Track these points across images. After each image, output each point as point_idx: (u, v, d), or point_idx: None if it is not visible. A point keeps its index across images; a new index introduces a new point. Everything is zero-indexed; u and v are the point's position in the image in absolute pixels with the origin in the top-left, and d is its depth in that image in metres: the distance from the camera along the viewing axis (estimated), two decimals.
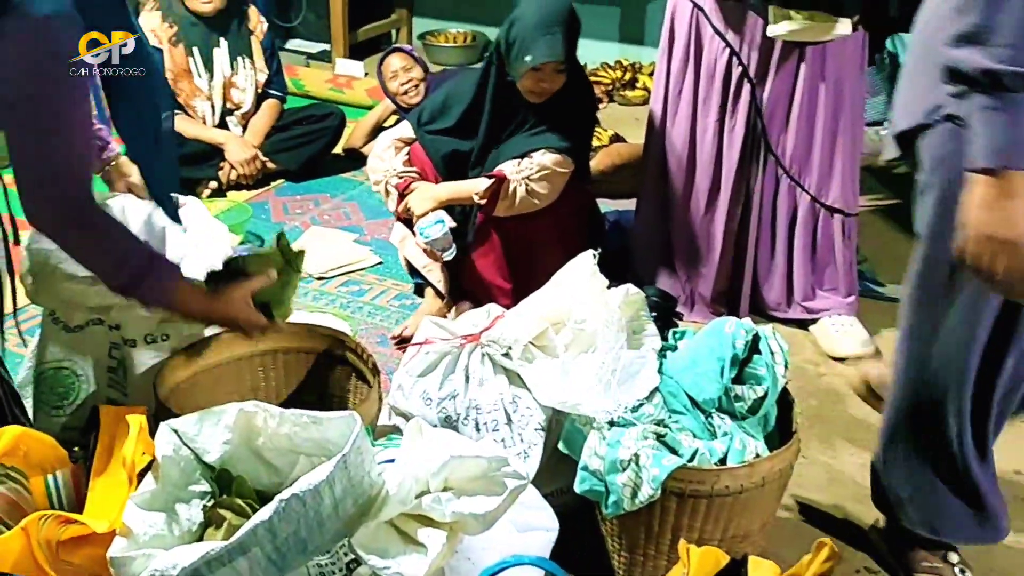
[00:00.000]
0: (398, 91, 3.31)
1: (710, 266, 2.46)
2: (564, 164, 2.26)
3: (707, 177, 2.38)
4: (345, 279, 2.68)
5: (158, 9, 3.10)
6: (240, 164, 3.13)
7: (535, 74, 2.21)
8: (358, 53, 4.50)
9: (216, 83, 3.15)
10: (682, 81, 2.34)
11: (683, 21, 2.29)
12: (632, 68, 4.21)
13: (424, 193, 2.30)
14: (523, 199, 2.24)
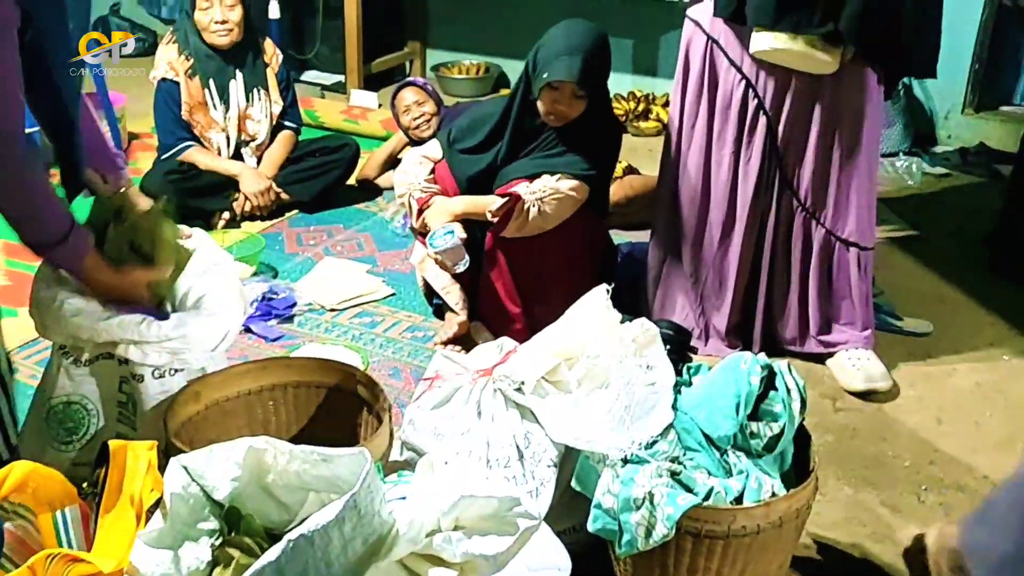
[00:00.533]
0: (410, 125, 3.33)
1: (725, 299, 2.45)
2: (579, 191, 2.28)
3: (721, 209, 2.37)
4: (358, 310, 2.68)
5: (175, 42, 3.13)
6: (254, 195, 3.15)
7: (551, 93, 2.22)
8: (372, 84, 4.53)
9: (231, 115, 3.17)
10: (696, 113, 2.34)
11: (698, 52, 2.29)
12: (646, 99, 4.22)
13: (440, 207, 2.35)
14: (535, 220, 2.27)
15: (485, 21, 4.63)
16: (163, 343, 1.65)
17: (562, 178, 2.26)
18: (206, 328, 1.68)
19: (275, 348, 2.47)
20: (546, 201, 2.25)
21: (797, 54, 2.10)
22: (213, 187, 3.14)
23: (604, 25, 4.39)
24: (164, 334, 1.65)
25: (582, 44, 2.21)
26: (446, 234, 2.28)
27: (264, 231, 3.13)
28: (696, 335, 2.49)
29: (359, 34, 4.41)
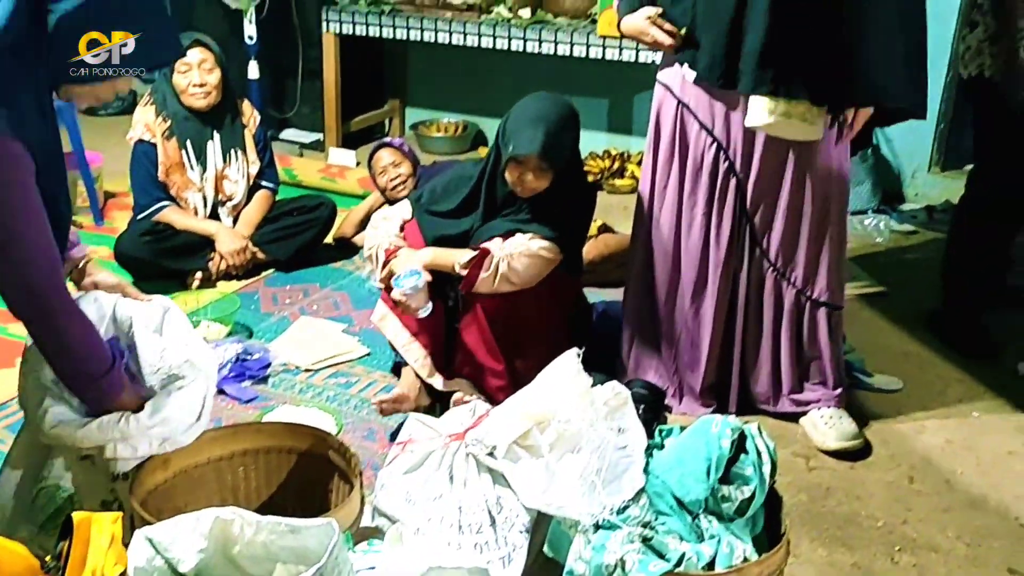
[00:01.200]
0: (387, 185, 3.36)
1: (698, 358, 2.46)
2: (551, 251, 2.28)
3: (693, 269, 2.39)
4: (333, 370, 2.67)
5: (152, 104, 3.15)
6: (230, 255, 3.15)
7: (517, 167, 2.25)
8: (352, 142, 4.57)
9: (208, 175, 3.19)
10: (668, 174, 2.37)
11: (668, 116, 2.33)
12: (620, 157, 4.28)
13: (407, 256, 2.32)
14: (502, 277, 2.25)
15: (463, 81, 4.70)
16: (148, 432, 1.63)
17: (534, 238, 2.28)
18: (183, 404, 1.66)
19: (249, 410, 2.45)
20: (515, 257, 2.24)
21: (789, 126, 2.13)
22: (189, 247, 3.14)
23: (579, 85, 4.51)
24: (145, 424, 1.62)
25: (546, 117, 2.24)
26: (411, 274, 2.24)
27: (240, 291, 3.13)
28: (670, 394, 2.51)
29: (338, 93, 4.47)
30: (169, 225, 3.14)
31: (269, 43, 4.35)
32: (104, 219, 3.68)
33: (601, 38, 3.84)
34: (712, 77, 2.17)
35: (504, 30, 4.03)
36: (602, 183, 4.18)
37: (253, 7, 4.10)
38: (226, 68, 3.16)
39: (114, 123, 4.86)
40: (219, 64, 3.12)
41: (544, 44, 3.96)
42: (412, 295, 2.24)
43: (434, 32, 4.17)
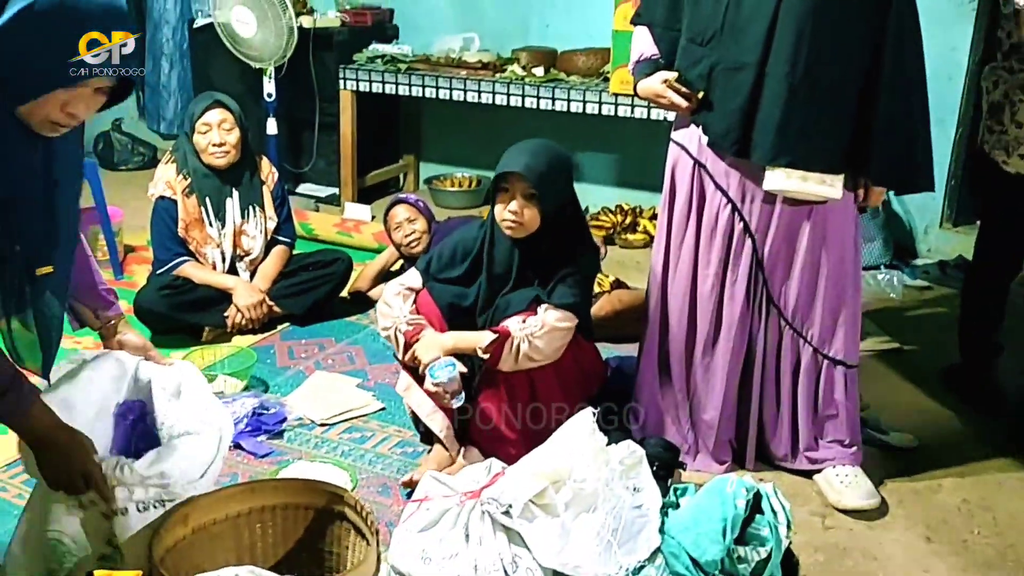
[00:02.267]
0: (402, 241, 3.41)
1: (713, 416, 2.46)
2: (567, 319, 2.29)
3: (708, 326, 2.41)
4: (348, 425, 2.68)
5: (174, 162, 3.22)
6: (247, 308, 3.19)
7: (504, 197, 2.27)
8: (366, 197, 4.64)
9: (227, 231, 3.24)
10: (684, 232, 2.39)
11: (684, 175, 2.36)
12: (633, 212, 4.32)
13: (430, 342, 2.33)
14: (524, 356, 2.26)
15: (477, 136, 4.77)
16: (144, 481, 1.65)
17: (549, 309, 2.27)
18: (186, 461, 1.68)
19: (264, 464, 2.46)
20: (536, 336, 2.25)
21: (808, 189, 2.15)
22: (207, 301, 3.18)
23: (591, 141, 4.57)
24: (141, 474, 1.64)
25: (532, 149, 2.29)
26: (447, 366, 2.26)
27: (256, 344, 3.16)
28: (685, 450, 2.50)
29: (354, 148, 4.55)
30: (188, 279, 3.18)
31: (287, 99, 4.44)
32: (124, 273, 3.74)
33: (613, 95, 3.91)
34: (726, 145, 2.21)
35: (518, 88, 4.11)
36: (615, 238, 4.22)
37: (272, 65, 4.20)
38: (246, 128, 3.24)
39: (135, 178, 4.96)
40: (239, 124, 3.19)
41: (557, 102, 4.03)
42: (447, 385, 2.26)
43: (449, 90, 4.25)
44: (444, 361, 2.27)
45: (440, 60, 4.36)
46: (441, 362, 2.27)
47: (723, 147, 2.22)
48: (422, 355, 2.31)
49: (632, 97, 3.85)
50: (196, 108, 3.19)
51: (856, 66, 2.11)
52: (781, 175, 2.14)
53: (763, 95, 2.11)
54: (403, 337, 2.36)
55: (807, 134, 2.10)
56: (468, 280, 2.43)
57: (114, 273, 3.70)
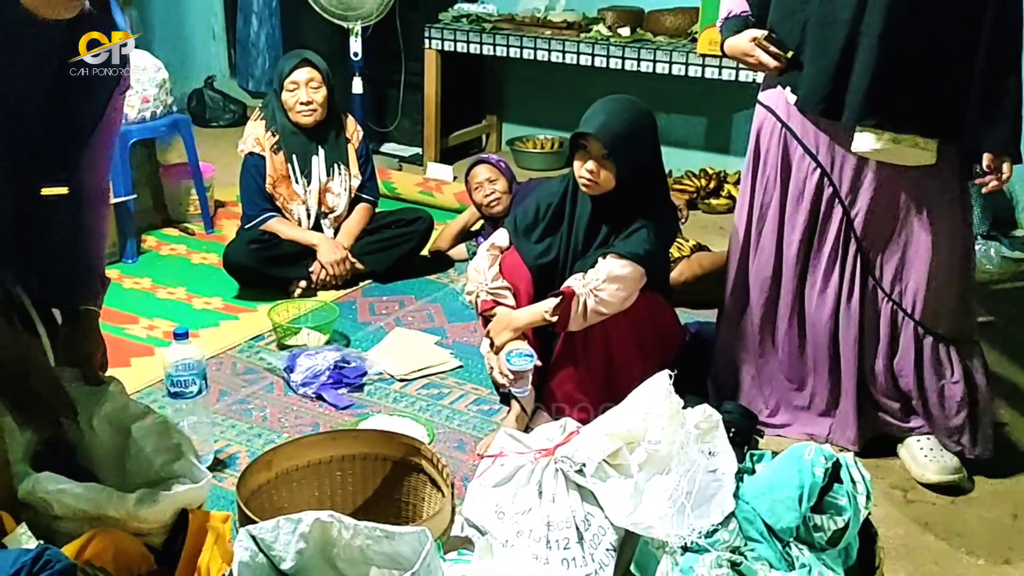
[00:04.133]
0: (483, 201, 3.42)
1: (792, 384, 2.43)
2: (629, 267, 2.26)
3: (790, 295, 2.36)
4: (425, 381, 2.73)
5: (263, 119, 3.29)
6: (331, 265, 3.25)
7: (582, 156, 2.28)
8: (449, 157, 4.66)
9: (312, 188, 3.31)
10: (768, 197, 2.34)
11: (770, 138, 2.31)
12: (717, 176, 4.25)
13: (503, 322, 2.35)
14: (592, 312, 2.26)
15: (559, 97, 4.74)
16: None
17: (611, 258, 2.27)
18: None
19: (344, 416, 2.53)
20: (599, 288, 2.24)
21: (899, 152, 2.09)
22: (292, 256, 3.26)
23: (677, 103, 4.49)
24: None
25: (613, 108, 2.28)
26: (525, 356, 2.28)
27: (338, 300, 3.22)
28: (763, 417, 2.48)
29: (437, 109, 4.57)
30: (274, 235, 3.26)
31: (373, 59, 4.48)
32: (214, 227, 3.85)
33: (700, 57, 3.83)
34: (814, 104, 2.15)
35: (603, 48, 4.06)
36: (697, 202, 4.17)
37: (359, 25, 4.24)
38: (332, 86, 3.28)
39: (225, 135, 5.09)
40: (326, 82, 3.24)
41: (643, 63, 3.97)
42: (520, 374, 2.27)
43: (533, 50, 4.23)
44: (525, 350, 2.29)
45: (525, 19, 4.33)
46: (521, 350, 2.29)
47: (811, 106, 2.16)
48: (495, 335, 2.34)
49: (720, 59, 3.76)
50: (285, 66, 3.25)
51: (956, 26, 2.01)
52: (871, 137, 2.07)
53: (856, 53, 2.04)
54: (480, 306, 2.38)
55: (899, 95, 2.03)
56: (550, 235, 2.43)
57: (205, 227, 3.82)
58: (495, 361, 2.36)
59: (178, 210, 3.87)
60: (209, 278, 3.39)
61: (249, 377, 2.73)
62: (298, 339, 2.88)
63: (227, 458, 2.32)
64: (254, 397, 2.62)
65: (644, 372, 2.03)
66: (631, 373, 2.23)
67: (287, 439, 2.32)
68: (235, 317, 3.11)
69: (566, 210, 2.40)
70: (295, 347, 2.83)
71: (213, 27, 5.61)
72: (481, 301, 2.39)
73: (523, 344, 2.31)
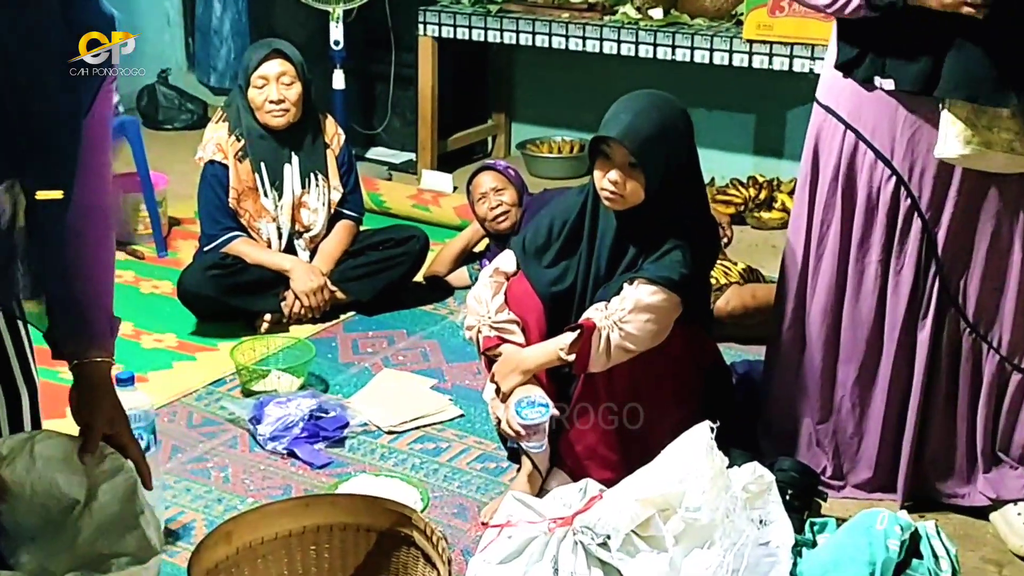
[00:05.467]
0: (487, 216, 3.43)
1: (865, 435, 2.41)
2: (662, 294, 2.25)
3: (864, 328, 2.35)
4: (419, 434, 2.72)
5: (225, 120, 3.32)
6: (306, 294, 3.26)
7: (602, 165, 2.27)
8: (448, 164, 4.69)
9: (284, 203, 3.33)
10: (830, 213, 2.34)
11: (831, 143, 2.31)
12: (769, 185, 4.25)
13: (509, 364, 2.34)
14: (617, 349, 2.24)
15: (580, 92, 4.76)
16: None
17: (640, 284, 2.26)
18: None
19: (322, 477, 2.52)
20: (625, 320, 2.23)
21: (990, 157, 2.09)
22: (260, 284, 3.27)
23: (720, 99, 4.50)
24: None
25: (640, 107, 2.28)
26: (539, 406, 2.25)
27: (315, 336, 3.23)
28: (826, 476, 2.46)
29: (434, 106, 4.59)
30: (239, 259, 3.28)
31: (357, 48, 4.52)
32: (168, 249, 3.87)
33: (747, 43, 3.85)
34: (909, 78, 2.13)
35: (631, 34, 4.08)
36: (745, 216, 4.17)
37: (341, 8, 4.28)
38: (308, 81, 3.31)
39: (182, 139, 5.13)
40: (300, 77, 3.26)
41: (678, 50, 3.99)
42: (533, 427, 2.25)
43: (548, 36, 4.26)
44: (538, 397, 2.28)
45: (538, 0, 4.36)
46: (533, 398, 2.28)
47: (905, 79, 2.15)
48: (501, 380, 2.33)
49: (770, 44, 3.78)
50: (252, 58, 3.28)
51: None
52: (958, 141, 2.07)
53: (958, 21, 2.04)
54: (482, 343, 2.37)
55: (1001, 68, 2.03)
56: (566, 257, 2.43)
57: (157, 249, 3.84)
58: (501, 411, 2.35)
59: (124, 229, 3.89)
60: (161, 310, 3.40)
61: (207, 430, 2.73)
62: (266, 384, 2.88)
63: (180, 528, 2.31)
64: (213, 454, 2.62)
65: (681, 423, 2.02)
66: (665, 424, 2.22)
67: (252, 505, 2.31)
68: (191, 357, 3.12)
69: (585, 227, 2.39)
70: (263, 393, 2.83)
71: (168, 11, 5.68)
72: (483, 338, 2.38)
73: (535, 390, 2.30)
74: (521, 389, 2.30)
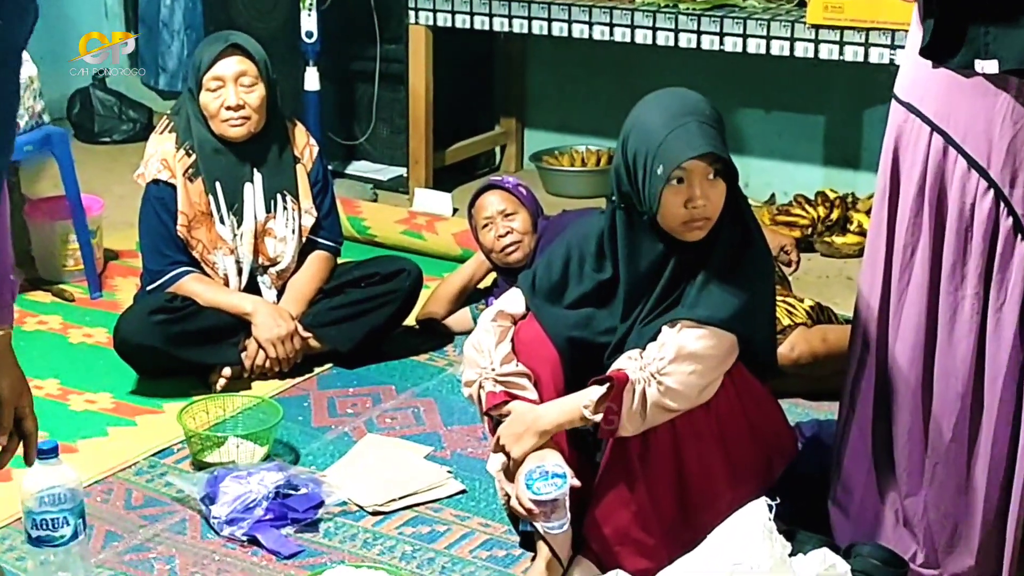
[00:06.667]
0: (494, 246, 3.43)
1: (961, 515, 2.40)
2: (712, 339, 2.25)
3: (960, 380, 2.34)
4: (411, 514, 2.71)
5: (172, 131, 3.33)
6: (271, 343, 3.26)
7: (679, 191, 2.26)
8: (446, 181, 4.72)
9: (245, 230, 3.33)
10: (915, 236, 2.34)
11: (914, 149, 2.31)
12: (842, 203, 4.26)
13: (520, 424, 2.32)
14: (654, 407, 2.22)
15: (606, 91, 4.79)
16: None
17: (684, 328, 2.25)
18: None
19: (291, 569, 2.52)
20: (665, 372, 2.22)
21: None
22: (216, 331, 3.27)
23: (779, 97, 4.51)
24: None
25: (694, 108, 2.28)
26: (555, 477, 2.24)
27: (282, 394, 3.23)
28: (917, 564, 2.45)
29: (428, 111, 4.62)
30: (189, 300, 3.28)
31: (334, 41, 4.55)
32: (103, 289, 3.89)
33: (812, 28, 3.86)
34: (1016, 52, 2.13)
35: (669, 19, 4.10)
36: (814, 240, 4.18)
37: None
38: (273, 82, 3.32)
39: (122, 154, 5.17)
40: (264, 77, 3.28)
41: (728, 38, 4.01)
42: (549, 504, 2.24)
43: (567, 23, 4.28)
44: (552, 469, 2.27)
45: None
46: (546, 469, 2.26)
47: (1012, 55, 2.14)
48: (510, 446, 2.32)
49: (840, 31, 3.80)
50: (204, 55, 3.30)
51: None
52: None
53: None
54: (485, 401, 2.37)
55: None
56: (589, 297, 2.43)
57: (89, 290, 3.85)
58: (509, 486, 2.34)
59: (50, 264, 3.92)
60: (94, 364, 3.41)
61: (150, 512, 2.73)
62: (222, 454, 2.88)
63: None
64: (157, 541, 2.62)
65: (734, 499, 2.01)
66: (714, 500, 2.22)
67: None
68: (130, 422, 3.12)
69: (617, 258, 2.39)
70: (218, 466, 2.83)
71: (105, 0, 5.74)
72: (486, 394, 2.37)
73: (551, 456, 2.28)
74: (533, 456, 2.29)
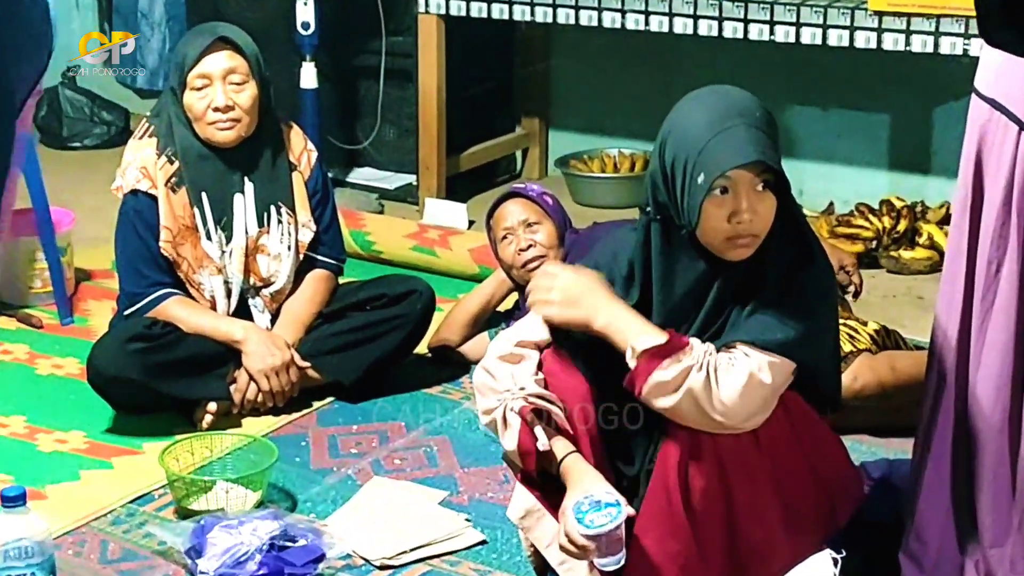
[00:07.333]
0: (514, 261, 3.42)
1: None
2: (773, 370, 2.25)
3: None
4: (424, 568, 2.71)
5: (152, 136, 3.33)
6: (264, 374, 3.26)
7: (722, 203, 2.25)
8: (461, 189, 4.72)
9: (235, 247, 3.33)
10: (1002, 250, 2.34)
11: (1000, 151, 2.30)
12: (911, 212, 4.25)
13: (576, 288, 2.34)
14: (692, 396, 2.22)
15: (640, 87, 4.80)
16: None
17: (751, 350, 2.25)
18: None
19: None
20: (723, 368, 2.22)
21: None
22: (202, 361, 3.27)
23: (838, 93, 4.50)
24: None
25: (741, 109, 2.27)
26: (607, 507, 2.21)
27: (277, 433, 3.23)
28: None
29: (440, 111, 4.62)
30: (172, 326, 3.28)
31: (334, 33, 4.56)
32: (74, 314, 3.89)
33: (875, 16, 3.86)
34: None
35: (712, 7, 4.10)
36: (879, 255, 4.18)
37: None
38: (266, 80, 3.33)
39: (95, 162, 5.17)
40: (255, 75, 3.28)
41: (779, 27, 4.01)
42: (603, 536, 2.21)
43: (596, 11, 4.29)
44: (603, 497, 2.23)
45: None
46: (597, 499, 2.23)
47: None
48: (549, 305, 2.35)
49: (907, 18, 3.79)
50: (189, 50, 3.30)
51: None
52: None
53: None
54: (517, 418, 2.33)
55: None
56: None
57: (59, 315, 3.85)
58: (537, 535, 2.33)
59: (15, 287, 3.93)
60: (64, 399, 3.41)
61: (128, 566, 2.72)
62: (210, 500, 2.87)
63: None
64: None
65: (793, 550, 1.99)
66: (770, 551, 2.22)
67: None
68: (106, 464, 3.12)
69: (650, 277, 2.39)
70: (205, 514, 2.81)
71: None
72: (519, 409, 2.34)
73: (600, 484, 2.25)
74: (577, 487, 2.26)
